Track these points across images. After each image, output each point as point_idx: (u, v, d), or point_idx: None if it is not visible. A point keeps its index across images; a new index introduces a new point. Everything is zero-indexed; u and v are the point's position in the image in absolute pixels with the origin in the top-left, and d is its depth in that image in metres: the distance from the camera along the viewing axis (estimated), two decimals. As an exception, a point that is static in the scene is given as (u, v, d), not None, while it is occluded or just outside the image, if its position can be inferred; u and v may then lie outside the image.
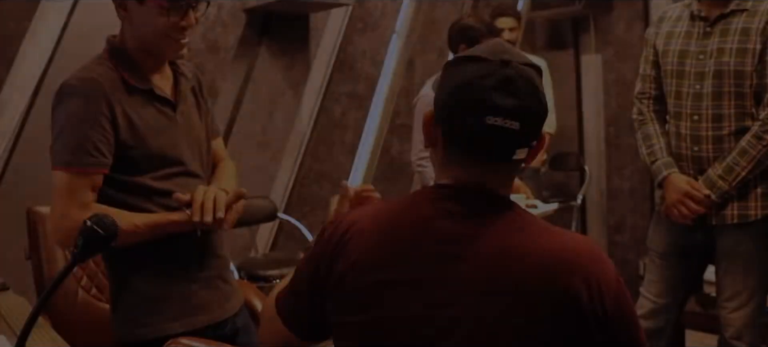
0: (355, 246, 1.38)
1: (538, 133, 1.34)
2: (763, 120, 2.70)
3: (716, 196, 2.77)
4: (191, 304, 2.07)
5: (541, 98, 1.32)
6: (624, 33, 5.71)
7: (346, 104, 4.99)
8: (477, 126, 1.29)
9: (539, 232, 1.32)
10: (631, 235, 5.88)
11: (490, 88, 1.29)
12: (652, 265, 3.07)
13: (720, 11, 2.78)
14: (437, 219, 1.34)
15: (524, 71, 1.31)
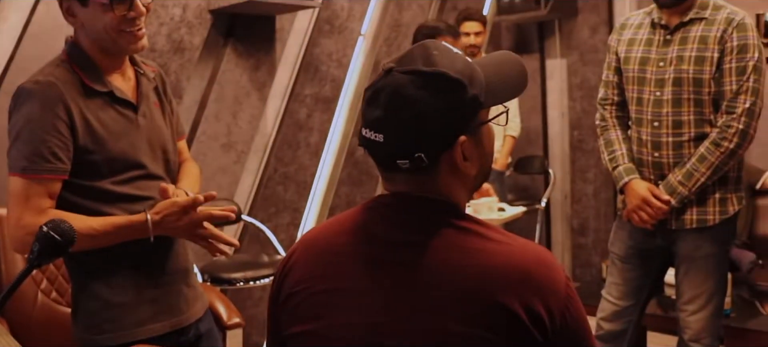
0: (301, 261, 1.39)
1: (418, 142, 1.27)
2: (721, 127, 2.75)
3: (676, 202, 2.81)
4: (154, 309, 2.05)
5: (412, 110, 1.26)
6: (588, 38, 5.76)
7: (311, 106, 4.97)
8: (360, 137, 1.32)
9: (483, 242, 1.29)
10: (594, 237, 5.94)
11: (366, 100, 1.31)
12: (614, 268, 3.10)
13: (680, 19, 2.82)
14: (378, 227, 1.34)
15: (396, 81, 1.28)
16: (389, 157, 1.31)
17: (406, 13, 5.56)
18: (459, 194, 1.37)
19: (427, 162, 1.29)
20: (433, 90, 1.27)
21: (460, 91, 1.29)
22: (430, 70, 1.28)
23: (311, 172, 5.02)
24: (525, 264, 1.26)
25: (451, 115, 1.29)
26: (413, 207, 1.33)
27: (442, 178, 1.33)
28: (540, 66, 6.12)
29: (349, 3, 5.14)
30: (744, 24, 2.76)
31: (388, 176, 1.36)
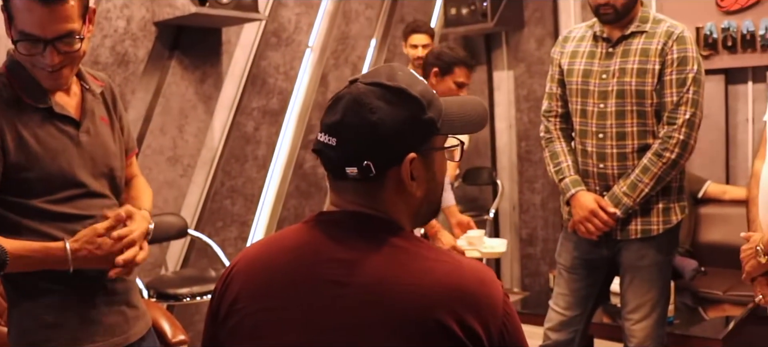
0: (240, 278, 1.38)
1: (368, 150, 1.29)
2: (663, 138, 2.79)
3: (622, 213, 2.85)
4: (91, 330, 2.01)
5: (368, 116, 1.28)
6: (535, 50, 5.82)
7: (258, 119, 4.95)
8: (315, 142, 1.35)
9: (422, 261, 1.29)
10: (542, 247, 5.99)
11: (327, 107, 1.34)
12: (560, 279, 3.13)
13: (621, 33, 2.87)
14: (319, 245, 1.34)
15: (358, 90, 1.31)
16: (339, 161, 1.31)
17: (354, 26, 5.56)
18: (402, 214, 1.37)
19: (374, 172, 1.30)
20: (391, 102, 1.30)
21: (417, 109, 1.31)
22: (392, 84, 1.31)
23: (259, 185, 4.99)
24: (463, 283, 1.26)
25: (405, 129, 1.30)
26: (355, 225, 1.34)
27: (387, 194, 1.34)
28: (487, 78, 6.17)
29: (296, 16, 5.13)
30: (684, 37, 2.81)
31: (335, 186, 1.36)
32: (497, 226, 6.22)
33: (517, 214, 6.13)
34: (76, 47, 1.90)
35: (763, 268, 2.19)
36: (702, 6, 4.93)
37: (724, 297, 4.15)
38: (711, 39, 4.90)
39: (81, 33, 1.89)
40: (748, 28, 4.76)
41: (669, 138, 2.79)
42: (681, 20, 4.84)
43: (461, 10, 5.76)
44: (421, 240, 1.35)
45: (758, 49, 4.74)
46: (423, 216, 1.43)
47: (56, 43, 1.86)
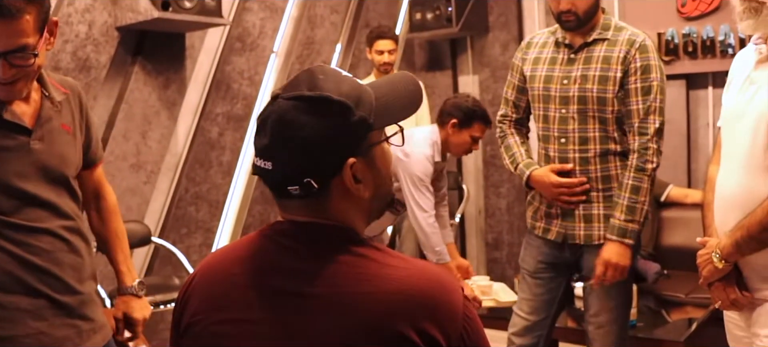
0: (198, 290, 1.37)
1: (305, 168, 1.27)
2: (639, 150, 2.81)
3: (632, 239, 2.83)
4: (42, 343, 1.97)
5: (297, 134, 1.25)
6: (499, 55, 5.85)
7: (223, 124, 4.92)
8: (252, 165, 1.32)
9: (378, 267, 1.28)
10: (508, 252, 6.02)
11: (256, 128, 1.31)
12: (524, 284, 3.15)
13: (583, 40, 2.89)
14: (273, 256, 1.32)
15: (281, 107, 1.28)
16: (279, 183, 1.29)
17: (319, 31, 5.56)
18: (355, 218, 1.35)
19: (316, 187, 1.27)
20: (316, 114, 1.26)
21: (345, 113, 1.28)
22: (313, 94, 1.27)
23: (223, 191, 4.96)
24: (420, 288, 1.25)
25: (337, 138, 1.28)
26: (308, 234, 1.32)
27: (335, 203, 1.31)
28: (452, 82, 6.19)
29: (261, 20, 5.11)
30: (646, 45, 2.84)
31: (282, 203, 1.34)
32: (463, 231, 6.24)
33: (483, 219, 6.15)
34: (30, 62, 1.86)
35: (719, 273, 2.19)
36: (663, 12, 4.99)
37: (686, 300, 4.19)
38: (672, 44, 4.96)
39: (36, 47, 1.84)
40: (708, 34, 4.83)
41: (646, 149, 2.81)
42: (643, 26, 4.91)
43: (426, 15, 5.77)
44: (377, 245, 1.33)
45: (718, 54, 4.81)
46: (377, 212, 1.40)
47: (9, 56, 1.81)
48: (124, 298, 2.34)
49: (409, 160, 3.62)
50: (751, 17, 2.07)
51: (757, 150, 2.07)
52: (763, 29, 2.11)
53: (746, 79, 2.18)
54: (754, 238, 2.07)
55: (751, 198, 2.08)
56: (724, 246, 2.15)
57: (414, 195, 3.61)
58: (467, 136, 3.71)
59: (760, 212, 2.05)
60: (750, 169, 2.10)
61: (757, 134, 2.07)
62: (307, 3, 5.48)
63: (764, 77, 2.11)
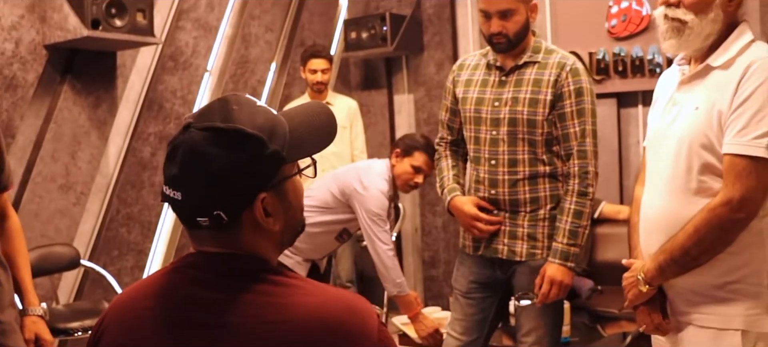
0: (111, 326, 1.34)
1: (215, 200, 1.24)
2: (580, 175, 2.84)
3: (573, 262, 2.86)
4: None
5: (208, 167, 1.23)
6: (435, 74, 5.88)
7: (155, 144, 4.83)
8: (161, 193, 1.29)
9: (290, 295, 1.26)
10: (445, 269, 6.03)
11: (166, 156, 1.29)
12: (456, 304, 3.15)
13: (514, 62, 2.91)
14: (184, 288, 1.30)
15: (192, 138, 1.25)
16: (189, 214, 1.27)
17: (253, 50, 5.51)
18: (266, 249, 1.33)
19: (226, 219, 1.25)
20: (228, 147, 1.24)
21: (258, 147, 1.26)
22: (226, 126, 1.25)
23: (156, 212, 4.87)
24: (334, 315, 1.24)
25: (249, 172, 1.26)
26: (218, 265, 1.29)
27: (245, 235, 1.29)
28: (388, 101, 6.20)
29: (194, 39, 5.05)
30: (577, 69, 2.87)
31: (192, 233, 1.31)
32: (400, 249, 6.24)
33: (420, 237, 6.16)
34: None
35: (644, 297, 2.19)
36: (594, 32, 5.08)
37: (620, 315, 4.24)
38: (603, 64, 5.05)
39: None
40: (637, 54, 4.93)
41: (586, 173, 2.84)
42: (575, 46, 5.03)
43: (361, 34, 5.78)
44: (289, 273, 1.32)
45: (647, 73, 4.91)
46: (287, 242, 1.39)
47: None
48: (33, 319, 2.28)
49: (366, 195, 3.66)
50: (674, 37, 2.10)
51: (680, 172, 2.09)
52: (685, 49, 2.14)
53: (669, 99, 2.20)
54: (677, 262, 2.08)
55: (674, 221, 2.09)
56: (648, 269, 2.14)
57: (372, 229, 3.65)
58: (408, 165, 3.76)
59: (681, 236, 2.05)
60: (673, 191, 2.11)
61: (680, 157, 2.08)
62: (241, 22, 5.44)
63: (686, 98, 2.12)
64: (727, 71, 2.04)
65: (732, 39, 2.08)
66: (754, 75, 1.97)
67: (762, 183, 1.98)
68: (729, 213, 1.98)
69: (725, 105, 2.00)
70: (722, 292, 2.06)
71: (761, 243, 2.04)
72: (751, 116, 1.95)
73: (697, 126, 2.05)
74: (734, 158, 1.98)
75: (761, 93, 1.95)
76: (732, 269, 2.05)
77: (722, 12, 2.06)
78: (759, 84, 1.96)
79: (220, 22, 5.27)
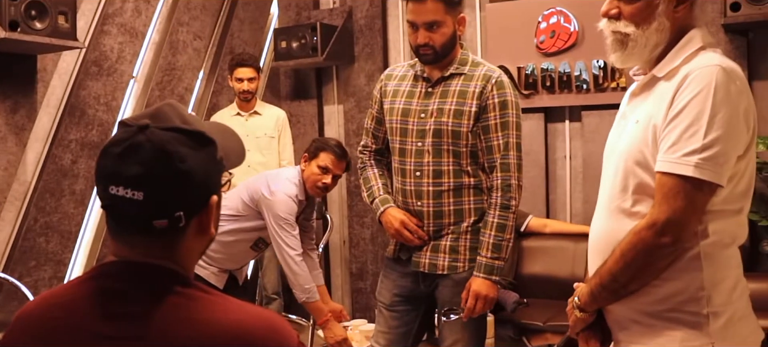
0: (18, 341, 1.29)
1: (180, 201, 1.25)
2: (502, 188, 2.84)
3: (498, 275, 2.85)
4: None
5: (179, 166, 1.23)
6: (365, 85, 5.87)
7: (77, 152, 4.70)
8: (104, 196, 1.25)
9: (208, 311, 1.24)
10: (372, 281, 6.00)
11: (116, 155, 1.24)
12: (380, 317, 3.13)
13: (441, 74, 2.92)
14: (97, 299, 1.26)
15: (158, 137, 1.24)
16: (146, 216, 1.24)
17: (181, 57, 5.42)
18: (193, 260, 1.33)
19: (185, 221, 1.25)
20: (195, 147, 1.26)
21: (214, 150, 1.30)
22: (190, 128, 1.27)
23: (77, 221, 4.73)
24: (254, 333, 1.23)
25: (210, 174, 1.29)
26: (137, 276, 1.26)
27: (187, 241, 1.29)
28: (318, 111, 6.16)
29: (120, 45, 4.93)
30: (502, 82, 2.88)
31: (126, 240, 1.28)
32: (327, 261, 6.20)
33: (348, 248, 6.13)
34: None
35: (581, 323, 2.07)
36: (523, 47, 5.13)
37: (545, 327, 4.29)
38: (531, 79, 5.10)
39: None
40: (564, 69, 5.00)
41: (509, 186, 2.84)
42: (504, 60, 5.08)
43: (291, 44, 5.73)
44: (207, 288, 1.30)
45: (573, 89, 4.98)
46: (201, 255, 1.40)
47: None
48: None
49: (273, 200, 3.64)
50: (618, 50, 1.98)
51: (616, 192, 1.96)
52: (631, 62, 2.01)
53: (621, 113, 2.08)
54: (606, 288, 1.94)
55: (610, 242, 1.94)
56: (582, 294, 2.02)
57: (279, 234, 3.62)
58: (315, 167, 3.75)
59: (610, 261, 1.91)
60: (611, 211, 1.98)
61: (617, 175, 1.96)
62: (169, 28, 5.34)
63: (631, 112, 2.00)
64: (669, 82, 1.88)
65: (679, 47, 1.93)
66: (690, 86, 1.80)
67: (693, 204, 1.80)
68: (653, 237, 1.82)
69: (660, 118, 1.85)
70: (657, 320, 1.90)
71: (698, 268, 1.86)
72: (683, 131, 1.79)
73: (634, 141, 1.91)
74: (663, 176, 1.81)
75: (695, 105, 1.78)
76: (667, 296, 1.88)
77: (667, 19, 1.92)
78: (694, 95, 1.79)
79: (147, 28, 5.16)
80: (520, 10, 5.19)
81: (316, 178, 3.74)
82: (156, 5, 5.20)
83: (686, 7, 1.95)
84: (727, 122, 1.78)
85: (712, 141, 1.77)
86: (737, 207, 1.91)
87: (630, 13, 1.94)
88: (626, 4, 1.95)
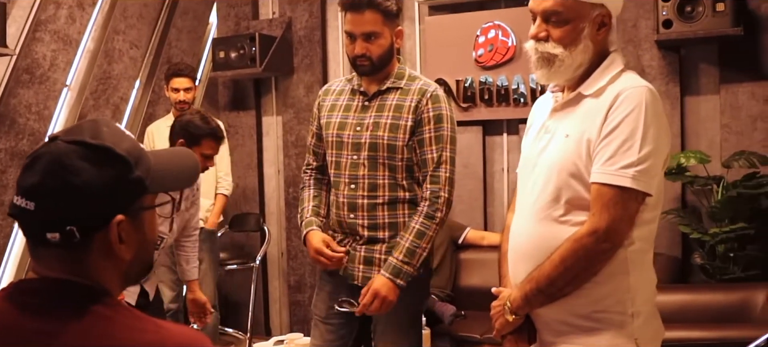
0: None
1: (72, 215, 1.21)
2: (430, 199, 2.84)
3: (404, 281, 2.82)
4: None
5: (71, 179, 1.21)
6: (304, 96, 5.84)
7: (6, 162, 4.58)
8: (11, 205, 1.25)
9: (131, 332, 1.21)
10: (311, 294, 5.91)
11: (24, 166, 1.25)
12: (316, 330, 3.11)
13: (377, 87, 2.92)
14: (13, 316, 1.22)
15: (59, 149, 1.23)
16: (39, 227, 1.22)
17: (117, 66, 5.33)
18: (110, 279, 1.29)
19: (78, 237, 1.21)
20: (95, 162, 1.23)
21: (124, 169, 1.25)
22: (95, 142, 1.24)
23: (5, 233, 4.61)
24: None
25: (112, 192, 1.24)
26: (54, 293, 1.23)
27: (93, 259, 1.25)
28: (256, 123, 6.11)
29: (53, 52, 4.82)
30: (437, 96, 2.89)
31: (36, 253, 1.25)
32: (265, 273, 6.14)
33: (286, 261, 6.08)
34: None
35: (510, 326, 2.17)
36: (462, 61, 5.17)
37: (482, 339, 4.30)
38: (470, 92, 5.14)
39: None
40: (502, 83, 5.05)
41: (437, 198, 2.84)
42: (443, 73, 5.11)
43: (230, 54, 5.68)
44: (128, 308, 1.27)
45: (511, 103, 5.03)
46: (133, 277, 1.36)
47: None
48: None
49: None
50: (544, 67, 2.11)
51: (547, 201, 2.07)
52: (556, 79, 2.14)
53: (542, 127, 2.19)
54: (542, 292, 2.05)
55: (541, 249, 2.06)
56: (514, 298, 2.12)
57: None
58: (197, 154, 3.56)
59: (547, 265, 2.03)
60: (540, 219, 2.09)
61: (548, 185, 2.07)
62: (104, 36, 5.24)
63: (557, 126, 2.12)
64: (597, 100, 2.05)
65: (603, 68, 2.09)
66: (623, 104, 1.98)
67: (628, 212, 1.97)
68: (594, 244, 1.97)
69: (594, 133, 2.00)
70: (587, 322, 2.05)
71: (625, 271, 2.03)
72: (619, 145, 1.95)
73: (566, 154, 2.05)
74: (601, 187, 1.97)
75: (630, 122, 1.96)
76: (597, 299, 2.03)
77: (591, 42, 2.08)
78: (628, 113, 1.96)
79: (82, 36, 5.06)
80: (458, 23, 5.22)
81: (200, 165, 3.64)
82: (91, 12, 5.10)
83: (606, 31, 2.11)
84: (657, 138, 1.98)
85: (646, 155, 1.96)
86: (653, 215, 2.10)
87: (558, 37, 2.09)
88: (555, 28, 2.09)
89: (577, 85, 2.12)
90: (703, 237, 4.25)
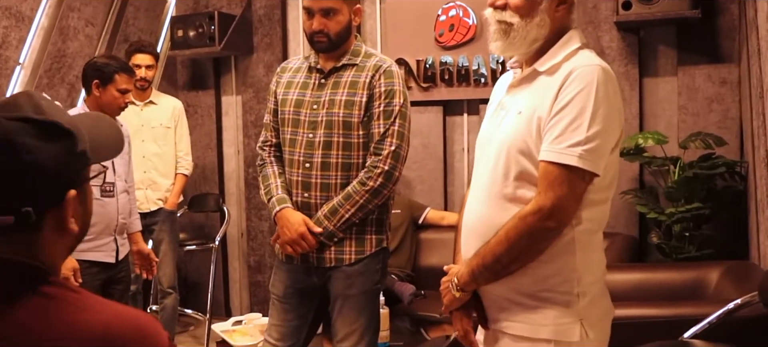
0: None
1: (28, 196, 1.18)
2: (368, 167, 2.85)
3: (324, 236, 2.84)
4: None
5: (24, 158, 1.17)
6: (263, 76, 5.80)
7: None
8: None
9: (76, 313, 1.19)
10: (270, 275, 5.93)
11: None
12: (274, 309, 3.10)
13: (334, 64, 2.91)
14: None
15: (5, 128, 1.18)
16: None
17: (72, 44, 5.23)
18: (57, 256, 1.27)
19: (34, 217, 1.18)
20: (46, 139, 1.19)
21: (72, 142, 1.23)
22: (42, 118, 1.20)
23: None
24: (121, 335, 1.18)
25: (65, 167, 1.21)
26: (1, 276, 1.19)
27: (45, 237, 1.22)
28: (216, 102, 6.05)
29: (4, 29, 4.72)
30: (391, 71, 2.89)
31: None
32: (225, 254, 6.11)
33: (246, 241, 6.05)
34: None
35: (458, 302, 2.16)
36: (423, 41, 5.16)
37: (442, 318, 4.31)
38: (430, 72, 5.14)
39: None
40: (462, 63, 5.05)
41: (374, 167, 2.84)
42: (403, 53, 5.10)
43: (188, 33, 5.61)
44: (74, 288, 1.24)
45: (471, 83, 5.04)
46: (73, 249, 1.34)
47: None
48: None
49: None
50: (501, 39, 2.08)
51: (498, 178, 2.05)
52: (511, 51, 2.12)
53: (499, 103, 2.18)
54: (488, 269, 2.04)
55: (491, 226, 2.05)
56: (461, 274, 2.11)
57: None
58: (114, 91, 3.64)
59: (493, 242, 2.02)
60: (490, 197, 2.08)
61: (498, 162, 2.05)
62: (59, 13, 5.13)
63: (512, 102, 2.10)
64: (551, 77, 2.02)
65: (559, 45, 2.07)
66: (574, 82, 1.95)
67: (574, 192, 1.95)
68: (539, 222, 1.95)
69: (545, 111, 1.97)
70: (533, 300, 2.04)
71: (572, 251, 2.01)
72: (568, 124, 1.93)
73: (517, 131, 2.02)
74: (549, 166, 1.94)
75: (579, 100, 1.93)
76: (543, 277, 2.02)
77: (548, 17, 2.05)
78: (578, 91, 1.94)
79: (35, 12, 4.94)
80: (419, 3, 5.21)
81: (119, 102, 3.65)
82: (45, -11, 4.99)
83: (566, 8, 2.09)
84: (606, 118, 1.95)
85: (594, 134, 1.93)
86: (604, 196, 2.08)
87: (516, 5, 2.06)
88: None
89: (533, 62, 2.09)
90: (660, 217, 4.31)
